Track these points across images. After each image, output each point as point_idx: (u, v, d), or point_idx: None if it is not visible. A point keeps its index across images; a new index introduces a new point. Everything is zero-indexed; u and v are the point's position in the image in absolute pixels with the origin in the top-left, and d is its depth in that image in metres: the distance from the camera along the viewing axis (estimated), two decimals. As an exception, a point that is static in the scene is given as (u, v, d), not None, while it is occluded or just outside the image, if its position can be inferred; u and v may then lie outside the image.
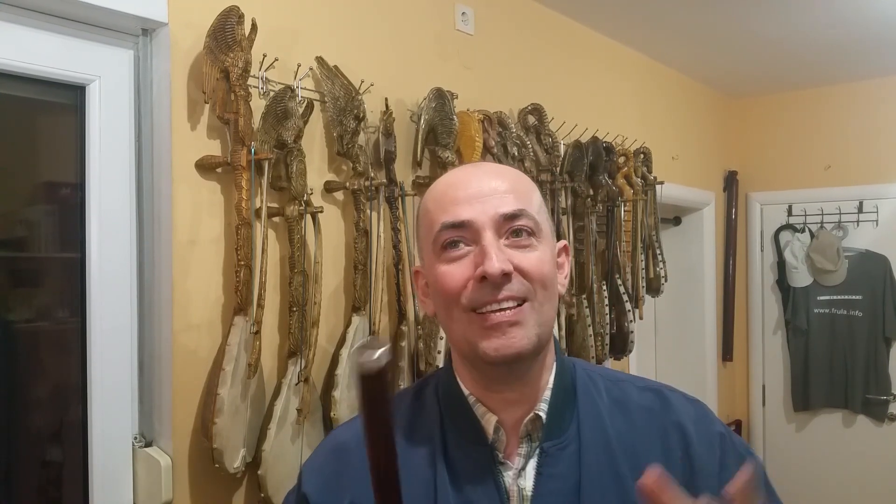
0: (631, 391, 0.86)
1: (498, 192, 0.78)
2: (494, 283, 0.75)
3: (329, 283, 1.61)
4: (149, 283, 1.39)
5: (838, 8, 2.44)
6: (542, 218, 0.81)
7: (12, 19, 1.23)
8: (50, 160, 1.38)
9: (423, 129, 1.77)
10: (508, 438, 0.80)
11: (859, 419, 3.41)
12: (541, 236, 0.79)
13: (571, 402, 0.82)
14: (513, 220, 0.77)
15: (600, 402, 0.83)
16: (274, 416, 1.43)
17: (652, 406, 0.84)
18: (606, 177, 2.39)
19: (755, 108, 3.71)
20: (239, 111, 1.37)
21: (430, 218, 0.81)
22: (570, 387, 0.83)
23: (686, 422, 0.83)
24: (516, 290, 0.76)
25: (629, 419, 0.83)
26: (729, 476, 0.74)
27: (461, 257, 0.78)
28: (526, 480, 0.78)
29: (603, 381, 0.87)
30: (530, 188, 0.83)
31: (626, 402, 0.84)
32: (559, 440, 0.79)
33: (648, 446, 0.81)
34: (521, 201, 0.79)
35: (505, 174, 0.82)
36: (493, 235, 0.76)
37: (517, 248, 0.77)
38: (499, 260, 0.74)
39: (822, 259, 3.43)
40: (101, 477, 1.34)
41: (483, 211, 0.77)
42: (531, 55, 2.32)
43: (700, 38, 2.77)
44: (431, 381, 0.89)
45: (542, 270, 0.77)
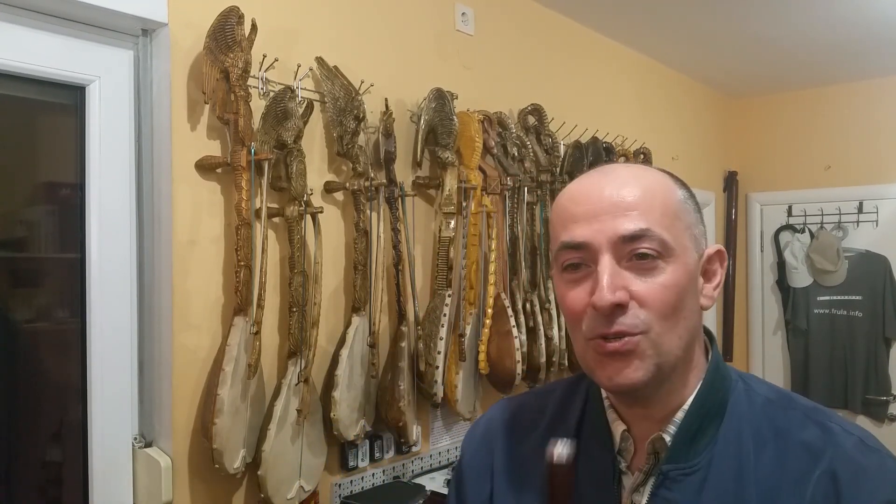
0: (796, 421, 0.75)
1: (621, 208, 0.71)
2: (605, 314, 0.69)
3: (329, 284, 1.61)
4: (149, 283, 1.39)
5: (838, 8, 2.44)
6: (678, 231, 0.73)
7: (12, 19, 1.23)
8: (50, 160, 1.38)
9: (423, 129, 1.77)
10: (637, 450, 0.77)
11: (859, 419, 3.41)
12: (671, 255, 0.71)
13: (711, 427, 0.75)
14: (634, 241, 0.70)
15: (749, 430, 0.74)
16: (274, 417, 1.43)
17: (812, 443, 0.72)
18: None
19: (755, 108, 3.71)
20: (239, 111, 1.37)
21: (553, 230, 0.77)
22: (714, 410, 0.75)
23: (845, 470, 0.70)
24: (629, 323, 0.69)
25: (781, 454, 0.72)
26: None
27: (580, 280, 0.73)
28: (642, 497, 0.74)
29: (768, 403, 0.77)
30: (664, 196, 0.74)
31: (787, 435, 0.73)
32: (683, 466, 0.73)
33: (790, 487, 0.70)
34: (646, 218, 0.71)
35: (633, 183, 0.73)
36: (611, 259, 0.70)
37: (639, 271, 0.70)
38: (610, 290, 0.69)
39: (822, 259, 3.43)
40: (101, 477, 1.34)
41: (601, 230, 0.71)
42: (531, 55, 2.32)
43: (700, 38, 2.77)
44: (585, 380, 0.86)
45: (663, 299, 0.70)
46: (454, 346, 1.80)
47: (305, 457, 1.50)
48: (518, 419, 0.88)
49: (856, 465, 0.70)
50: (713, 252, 0.78)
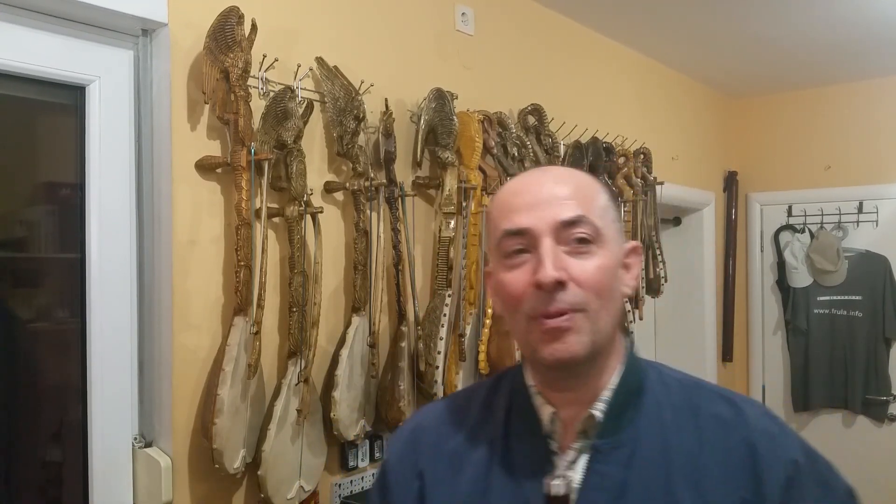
0: (706, 397, 0.84)
1: (558, 198, 0.79)
2: (548, 292, 0.76)
3: (329, 284, 1.61)
4: (149, 283, 1.39)
5: (838, 8, 2.44)
6: (606, 222, 0.81)
7: (12, 19, 1.23)
8: (50, 160, 1.38)
9: (423, 129, 1.77)
10: (565, 432, 0.83)
11: (859, 419, 3.41)
12: (602, 242, 0.79)
13: (634, 404, 0.82)
14: (572, 226, 0.78)
15: (668, 408, 0.82)
16: (274, 417, 1.43)
17: (724, 415, 0.82)
18: (606, 177, 2.39)
19: (755, 108, 3.70)
20: (239, 111, 1.37)
21: (493, 224, 0.84)
22: (635, 389, 0.83)
23: (759, 439, 0.79)
24: (570, 300, 0.76)
25: (697, 426, 0.81)
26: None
27: (522, 264, 0.79)
28: (575, 473, 0.80)
29: (679, 384, 0.86)
30: (594, 192, 0.83)
31: (698, 408, 0.82)
32: (612, 440, 0.80)
33: (710, 458, 0.79)
34: (582, 206, 0.79)
35: (568, 179, 0.82)
36: (552, 242, 0.77)
37: (576, 255, 0.78)
38: (552, 268, 0.76)
39: (822, 259, 3.43)
40: (101, 477, 1.34)
41: (541, 218, 0.78)
42: (531, 55, 2.32)
43: (700, 38, 2.77)
44: (508, 375, 0.92)
45: (597, 279, 0.78)
46: (454, 346, 1.81)
47: (305, 457, 1.50)
48: (443, 420, 0.92)
49: (765, 432, 0.80)
50: (630, 248, 0.86)
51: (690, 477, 0.77)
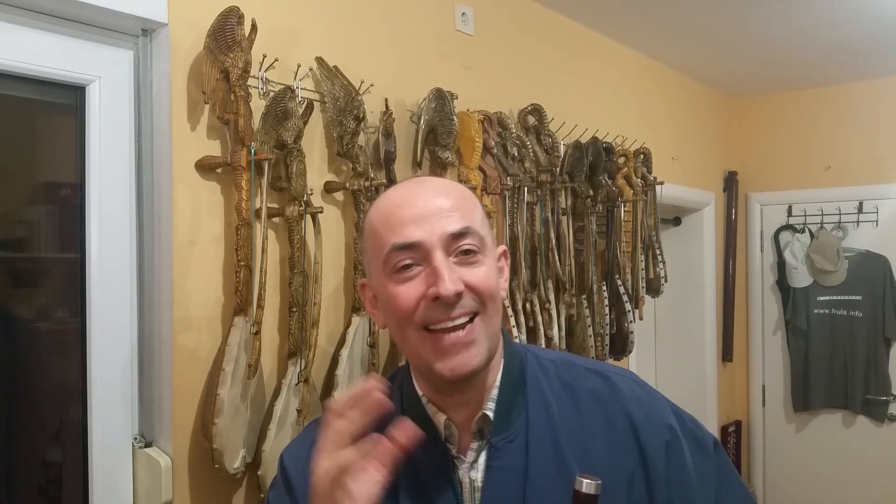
0: (580, 375, 0.89)
1: (444, 211, 0.81)
2: (448, 303, 0.78)
3: (329, 284, 1.61)
4: (149, 283, 1.39)
5: (838, 8, 2.44)
6: (486, 231, 0.84)
7: (12, 19, 1.23)
8: (50, 160, 1.38)
9: (423, 129, 1.77)
10: (461, 434, 0.85)
11: (859, 419, 3.41)
12: (485, 250, 0.83)
13: (519, 395, 0.86)
14: (460, 238, 0.80)
15: (549, 391, 0.87)
16: (274, 417, 1.43)
17: (599, 390, 0.87)
18: (606, 177, 2.39)
19: (755, 108, 3.71)
20: (239, 111, 1.37)
21: (377, 236, 0.83)
22: (518, 379, 0.87)
23: (634, 410, 0.85)
24: (468, 306, 0.79)
25: (576, 404, 0.86)
26: (678, 473, 0.81)
27: (412, 277, 0.80)
28: (477, 472, 0.83)
29: (554, 366, 0.90)
30: (473, 203, 0.86)
31: (575, 386, 0.87)
32: (506, 434, 0.83)
33: (594, 433, 0.84)
34: (466, 218, 0.82)
35: (449, 191, 0.84)
36: (443, 255, 0.79)
37: (465, 265, 0.80)
38: (451, 281, 0.77)
39: (822, 259, 3.43)
40: (101, 477, 1.34)
41: (431, 231, 0.80)
42: (531, 55, 2.32)
43: (700, 38, 2.77)
44: (397, 380, 0.93)
45: (489, 284, 0.81)
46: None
47: (305, 457, 1.50)
48: None
49: (638, 401, 0.86)
50: (501, 252, 0.90)
51: (579, 454, 0.82)
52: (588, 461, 0.81)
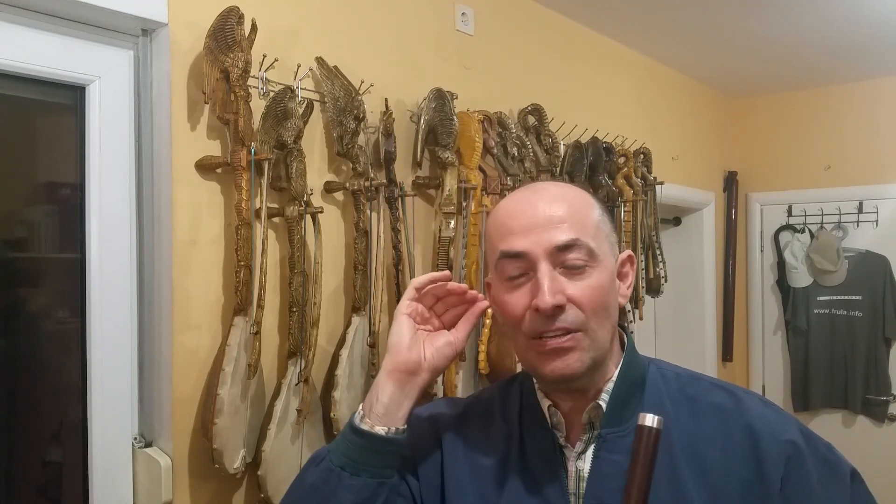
0: (704, 388, 0.89)
1: (553, 221, 0.82)
2: (548, 315, 0.80)
3: (329, 284, 1.61)
4: (149, 283, 1.39)
5: (838, 8, 2.44)
6: (600, 240, 0.84)
7: (12, 19, 1.23)
8: (50, 160, 1.38)
9: (423, 129, 1.77)
10: (571, 425, 0.88)
11: (859, 419, 3.41)
12: (596, 261, 0.83)
13: (637, 394, 0.87)
14: (566, 250, 0.81)
15: (668, 398, 0.87)
16: (274, 417, 1.43)
17: (723, 404, 0.86)
18: (606, 177, 2.39)
19: (755, 108, 3.70)
20: (239, 111, 1.37)
21: (492, 243, 0.88)
22: (637, 381, 0.88)
23: (757, 424, 0.84)
24: (570, 321, 0.81)
25: (696, 416, 0.86)
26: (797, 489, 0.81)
27: (520, 286, 0.83)
28: (584, 462, 0.85)
29: (677, 378, 0.91)
30: (587, 209, 0.86)
31: (697, 398, 0.87)
32: (619, 428, 0.84)
33: (710, 442, 0.83)
34: (575, 229, 0.82)
35: (562, 199, 0.85)
36: (548, 266, 0.81)
37: (572, 276, 0.82)
38: (551, 293, 0.79)
39: (822, 259, 3.43)
40: (101, 477, 1.34)
41: (538, 242, 0.82)
42: (531, 55, 2.32)
43: (700, 38, 2.77)
44: (520, 376, 0.98)
45: (594, 298, 0.82)
46: (454, 346, 1.80)
47: (305, 457, 1.50)
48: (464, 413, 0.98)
49: (763, 417, 0.85)
50: (625, 257, 0.90)
51: (692, 462, 0.82)
52: (701, 467, 0.81)
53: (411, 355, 0.86)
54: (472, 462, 0.91)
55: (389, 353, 0.88)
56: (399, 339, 0.87)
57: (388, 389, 0.86)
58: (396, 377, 0.86)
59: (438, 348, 0.88)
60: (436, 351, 0.88)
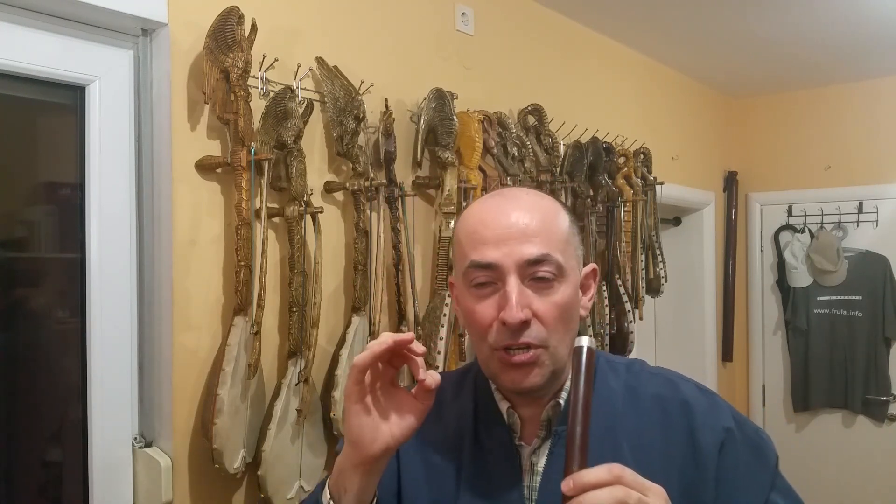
0: (644, 379, 0.93)
1: (526, 234, 0.83)
2: (513, 329, 0.81)
3: (329, 284, 1.61)
4: (149, 283, 1.39)
5: (838, 8, 2.44)
6: (569, 253, 0.86)
7: (12, 19, 1.23)
8: (50, 160, 1.38)
9: (423, 129, 1.77)
10: (526, 423, 0.90)
11: (859, 419, 3.41)
12: (563, 276, 0.84)
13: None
14: (536, 264, 0.82)
15: (616, 389, 0.91)
16: (274, 417, 1.43)
17: (660, 392, 0.91)
18: (606, 177, 2.39)
19: (755, 108, 3.70)
20: (239, 111, 1.37)
21: (461, 249, 0.88)
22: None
23: (693, 412, 0.88)
24: (534, 335, 0.82)
25: (637, 406, 0.89)
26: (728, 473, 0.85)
27: (487, 296, 0.84)
28: (539, 458, 0.87)
29: (624, 367, 0.94)
30: (558, 223, 0.87)
31: (638, 388, 0.91)
32: None
33: (651, 433, 0.87)
34: (546, 243, 0.83)
35: (534, 210, 0.85)
36: (516, 279, 0.82)
37: (538, 290, 0.83)
38: (517, 309, 0.80)
39: (822, 259, 3.43)
40: (101, 477, 1.34)
41: (509, 254, 0.82)
42: (531, 55, 2.32)
43: (700, 38, 2.77)
44: (473, 369, 0.99)
45: (557, 316, 0.83)
46: (454, 346, 1.80)
47: (305, 457, 1.50)
48: None
49: (700, 405, 0.88)
50: (589, 271, 0.92)
51: (636, 449, 0.85)
52: (643, 458, 0.84)
53: (375, 448, 0.79)
54: (426, 460, 0.92)
55: (352, 448, 0.80)
56: (359, 434, 0.79)
57: (357, 482, 0.81)
58: (364, 470, 0.81)
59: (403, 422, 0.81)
60: (402, 427, 0.81)
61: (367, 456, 0.80)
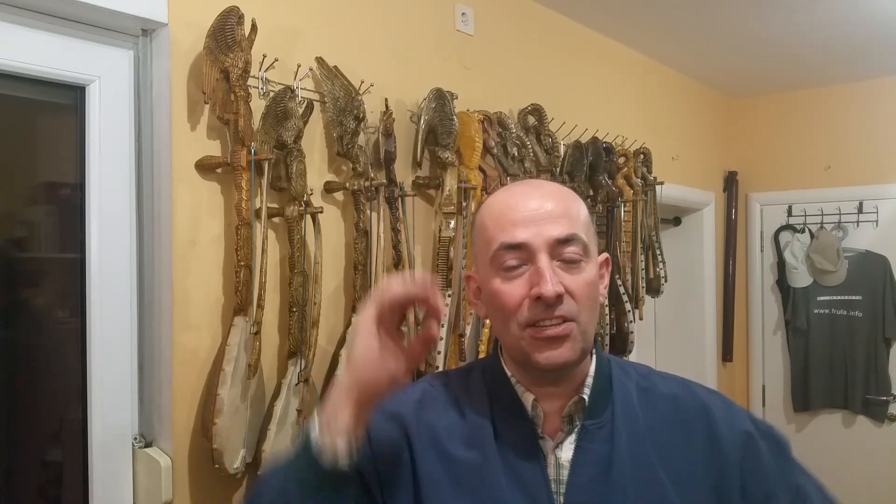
0: (656, 381, 0.95)
1: (553, 216, 0.85)
2: (548, 304, 0.83)
3: (329, 284, 1.61)
4: (149, 283, 1.39)
5: (838, 8, 2.44)
6: (590, 237, 0.88)
7: (12, 19, 1.23)
8: (50, 160, 1.38)
9: (423, 129, 1.77)
10: (547, 418, 0.90)
11: (859, 419, 3.41)
12: (588, 257, 0.87)
13: (608, 389, 0.91)
14: (565, 244, 0.85)
15: (632, 390, 0.92)
16: (274, 417, 1.43)
17: (675, 393, 0.93)
18: (606, 177, 2.39)
19: (755, 108, 3.70)
20: (239, 111, 1.37)
21: (487, 234, 0.89)
22: (607, 376, 0.92)
23: (712, 412, 0.90)
24: (566, 310, 0.84)
25: (653, 406, 0.91)
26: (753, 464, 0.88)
27: (517, 276, 0.85)
28: (563, 452, 0.87)
29: (634, 370, 0.96)
30: (580, 208, 0.90)
31: (652, 391, 0.93)
32: (598, 420, 0.88)
33: (670, 428, 0.89)
34: (573, 225, 0.86)
35: (559, 196, 0.89)
36: (547, 257, 0.84)
37: (568, 270, 0.85)
38: (553, 283, 0.82)
39: (822, 259, 3.43)
40: (101, 477, 1.34)
41: (539, 234, 0.84)
42: (531, 55, 2.32)
43: (700, 38, 2.77)
44: (477, 366, 0.99)
45: (587, 293, 0.85)
46: (454, 346, 1.80)
47: (305, 457, 1.50)
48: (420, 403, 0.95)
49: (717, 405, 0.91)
50: (603, 259, 0.93)
51: (659, 451, 0.87)
52: (667, 459, 0.86)
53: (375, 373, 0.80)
54: (444, 456, 0.89)
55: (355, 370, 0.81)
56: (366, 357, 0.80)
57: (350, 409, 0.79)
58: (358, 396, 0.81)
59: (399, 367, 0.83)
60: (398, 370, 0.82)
61: (368, 379, 0.80)
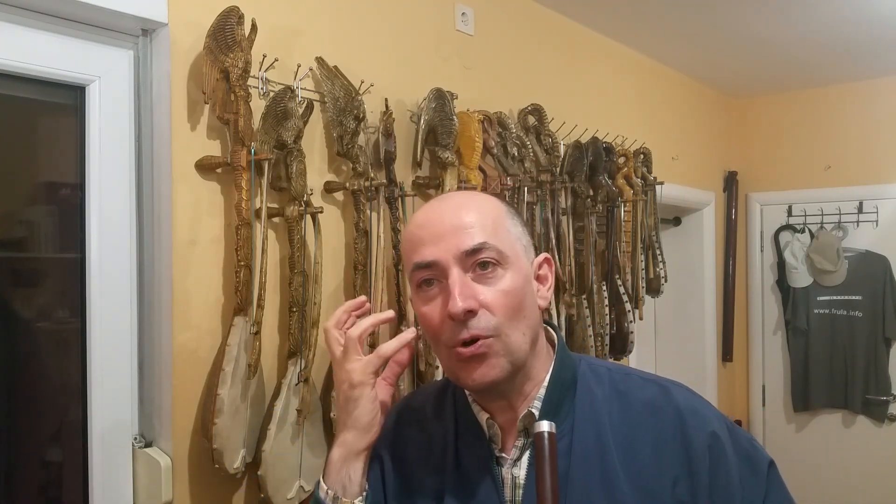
0: (635, 384, 0.90)
1: (461, 228, 0.83)
2: (458, 320, 0.80)
3: (329, 284, 1.61)
4: (149, 284, 1.39)
5: (838, 8, 2.44)
6: (510, 242, 0.85)
7: (12, 19, 1.23)
8: (50, 160, 1.38)
9: (423, 129, 1.77)
10: (505, 434, 0.88)
11: (859, 419, 3.41)
12: (507, 263, 0.83)
13: (568, 397, 0.87)
14: (475, 254, 0.82)
15: (600, 396, 0.88)
16: (274, 417, 1.43)
17: (653, 399, 0.87)
18: (606, 177, 2.39)
19: (755, 108, 3.71)
20: (239, 111, 1.37)
21: (406, 256, 0.89)
22: (568, 382, 0.88)
23: (685, 417, 0.85)
24: (482, 326, 0.81)
25: (628, 413, 0.86)
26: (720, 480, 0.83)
27: (434, 297, 0.84)
28: (520, 469, 0.85)
29: (609, 374, 0.91)
30: (494, 215, 0.86)
31: (628, 393, 0.88)
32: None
33: (643, 441, 0.84)
34: (484, 233, 0.83)
35: (468, 206, 0.86)
36: (459, 272, 0.82)
37: (483, 281, 0.82)
38: (461, 298, 0.80)
39: (822, 259, 3.43)
40: (101, 477, 1.34)
41: (447, 249, 0.82)
42: (531, 55, 2.32)
43: (700, 38, 2.77)
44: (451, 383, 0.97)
45: (505, 302, 0.82)
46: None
47: (305, 457, 1.50)
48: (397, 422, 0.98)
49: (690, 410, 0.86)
50: (542, 259, 0.91)
51: (624, 461, 0.83)
52: (634, 465, 0.83)
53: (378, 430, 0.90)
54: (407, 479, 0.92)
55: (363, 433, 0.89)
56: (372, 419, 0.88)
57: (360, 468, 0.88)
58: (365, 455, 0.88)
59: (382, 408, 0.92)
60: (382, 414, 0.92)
61: (376, 433, 0.86)
